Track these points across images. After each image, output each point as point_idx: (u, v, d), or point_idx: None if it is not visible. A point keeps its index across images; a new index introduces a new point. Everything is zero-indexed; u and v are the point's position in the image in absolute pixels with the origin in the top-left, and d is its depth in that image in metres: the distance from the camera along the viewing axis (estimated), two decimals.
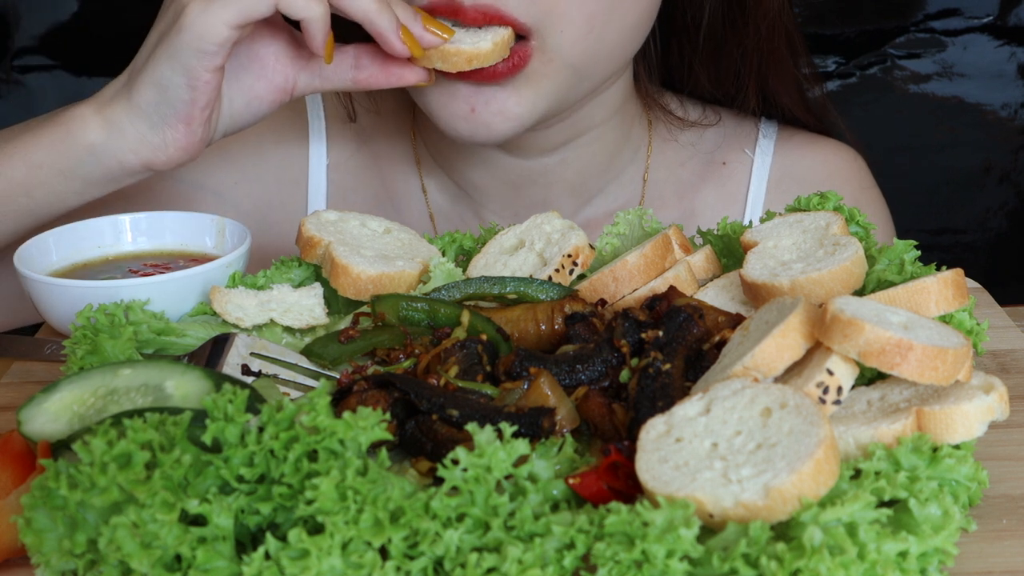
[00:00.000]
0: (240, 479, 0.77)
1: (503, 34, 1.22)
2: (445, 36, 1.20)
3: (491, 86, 1.26)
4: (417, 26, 1.19)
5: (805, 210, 1.14)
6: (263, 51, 1.22)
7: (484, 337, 0.99)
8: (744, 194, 1.58)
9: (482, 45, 1.20)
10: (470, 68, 1.21)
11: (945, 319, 0.96)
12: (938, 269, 0.98)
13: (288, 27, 1.24)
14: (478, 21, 1.23)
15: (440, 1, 1.23)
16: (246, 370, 1.00)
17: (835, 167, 1.60)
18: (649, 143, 1.57)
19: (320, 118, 1.57)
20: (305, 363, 1.02)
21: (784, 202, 1.53)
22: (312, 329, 1.11)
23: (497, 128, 1.29)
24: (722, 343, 0.94)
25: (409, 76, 1.23)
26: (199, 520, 0.75)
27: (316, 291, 1.13)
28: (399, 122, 1.58)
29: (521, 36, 1.26)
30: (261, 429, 0.78)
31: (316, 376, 1.00)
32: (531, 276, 1.12)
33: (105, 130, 1.18)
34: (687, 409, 0.83)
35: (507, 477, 0.78)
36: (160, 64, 1.14)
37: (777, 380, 0.86)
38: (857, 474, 0.80)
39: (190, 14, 1.11)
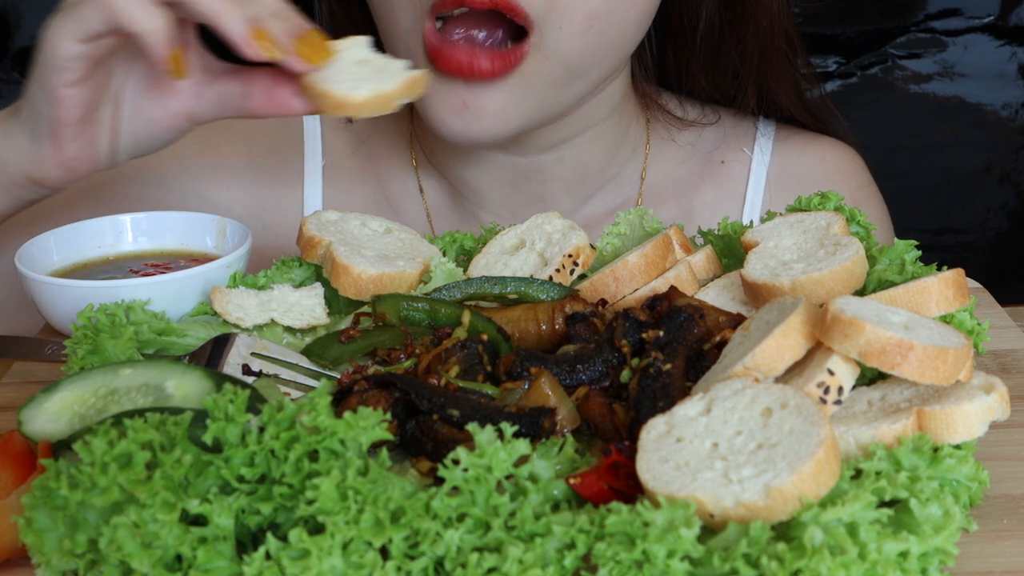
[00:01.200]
0: (241, 479, 0.77)
1: (405, 77, 1.08)
2: (310, 66, 1.05)
3: (483, 84, 1.26)
4: (283, 40, 1.04)
5: (806, 210, 1.15)
6: (159, 75, 1.14)
7: (485, 337, 0.99)
8: (742, 193, 1.59)
9: (361, 92, 1.05)
10: (337, 115, 1.08)
11: (946, 319, 0.96)
12: (939, 269, 0.98)
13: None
14: (485, 5, 1.22)
15: None
16: (247, 370, 1.00)
17: (833, 165, 1.60)
18: (647, 142, 1.57)
19: (316, 119, 1.58)
20: (306, 363, 1.02)
21: (783, 201, 1.54)
22: (313, 329, 1.11)
23: (488, 125, 1.28)
24: (723, 343, 0.94)
25: (296, 105, 1.10)
26: (200, 520, 0.75)
27: (317, 291, 1.13)
28: (396, 123, 1.58)
29: (519, 32, 1.26)
30: (262, 429, 0.78)
31: (317, 376, 1.00)
32: (532, 276, 1.12)
33: (1, 138, 1.15)
34: (688, 409, 0.83)
35: (508, 477, 0.78)
36: (30, 79, 1.11)
37: (778, 380, 0.86)
38: (858, 474, 0.80)
39: (46, 31, 1.07)
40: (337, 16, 1.32)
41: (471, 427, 0.79)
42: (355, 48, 1.10)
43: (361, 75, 1.07)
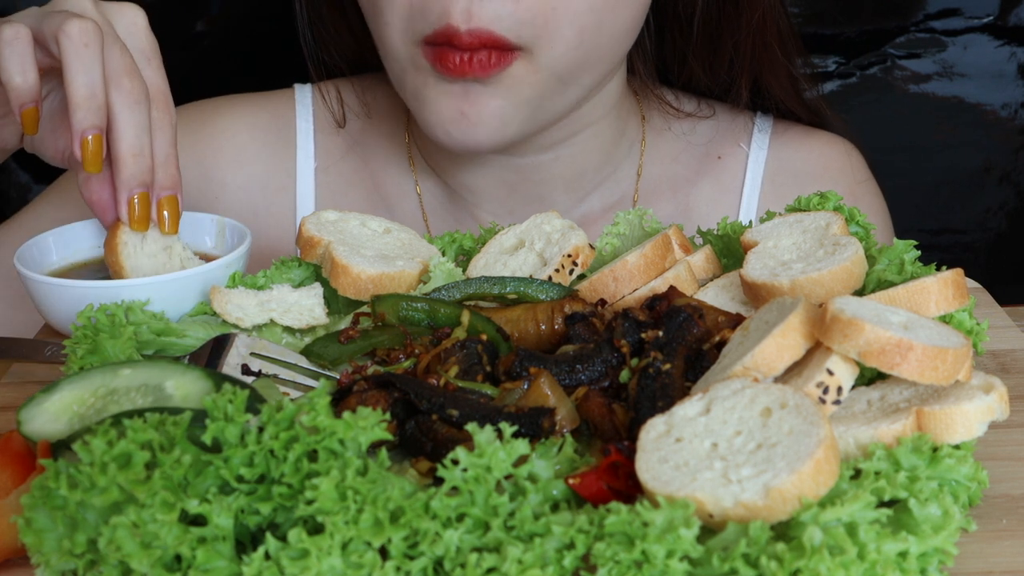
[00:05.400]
0: (240, 479, 0.77)
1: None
2: (138, 228, 1.13)
3: (477, 85, 1.27)
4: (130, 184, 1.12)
5: (805, 210, 1.15)
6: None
7: (484, 337, 0.99)
8: (739, 188, 1.59)
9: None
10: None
11: (945, 319, 0.96)
12: (938, 269, 0.98)
13: None
14: (473, 45, 1.23)
15: (438, 27, 1.23)
16: (246, 370, 1.00)
17: (830, 160, 1.60)
18: (643, 139, 1.57)
19: (308, 121, 1.58)
20: (305, 363, 1.02)
21: (780, 196, 1.54)
22: (312, 329, 1.11)
23: (485, 132, 1.30)
24: (722, 343, 0.94)
25: (103, 211, 1.16)
26: (199, 520, 0.75)
27: (316, 291, 1.13)
28: (391, 125, 1.58)
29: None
30: (261, 429, 0.78)
31: (316, 376, 1.00)
32: (531, 276, 1.12)
33: None
34: (687, 409, 0.83)
35: (507, 477, 0.78)
36: None
37: (777, 380, 0.86)
38: (857, 474, 0.80)
39: None
40: (339, 28, 1.36)
41: (470, 427, 0.79)
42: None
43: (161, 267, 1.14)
